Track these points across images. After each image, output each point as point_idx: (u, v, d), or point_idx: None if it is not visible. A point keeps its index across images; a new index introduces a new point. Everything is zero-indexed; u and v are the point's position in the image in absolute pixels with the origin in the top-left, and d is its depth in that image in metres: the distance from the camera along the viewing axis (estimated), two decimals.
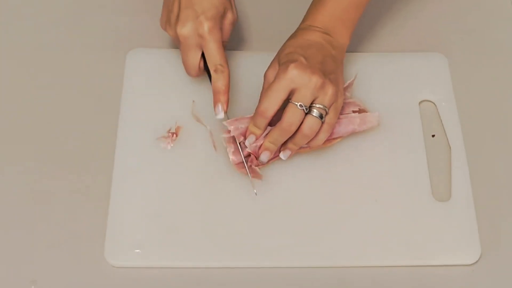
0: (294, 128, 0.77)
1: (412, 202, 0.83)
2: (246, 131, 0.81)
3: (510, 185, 0.86)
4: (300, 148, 0.81)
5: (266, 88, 0.79)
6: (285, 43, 0.82)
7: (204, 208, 0.81)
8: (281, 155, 0.81)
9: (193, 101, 0.87)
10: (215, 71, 0.82)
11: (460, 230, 0.82)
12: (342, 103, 0.81)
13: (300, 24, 0.84)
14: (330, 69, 0.79)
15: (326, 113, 0.78)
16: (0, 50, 0.93)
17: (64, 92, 0.89)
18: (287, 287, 0.79)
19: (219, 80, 0.82)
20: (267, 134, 0.80)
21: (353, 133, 0.86)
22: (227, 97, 0.82)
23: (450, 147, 0.87)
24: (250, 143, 0.81)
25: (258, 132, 0.80)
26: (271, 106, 0.77)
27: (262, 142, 0.81)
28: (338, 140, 0.85)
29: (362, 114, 0.86)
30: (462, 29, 0.98)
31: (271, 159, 0.82)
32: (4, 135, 0.86)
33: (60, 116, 0.87)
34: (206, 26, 0.80)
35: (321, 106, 0.77)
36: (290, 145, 0.81)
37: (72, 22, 0.95)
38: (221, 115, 0.82)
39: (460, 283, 0.80)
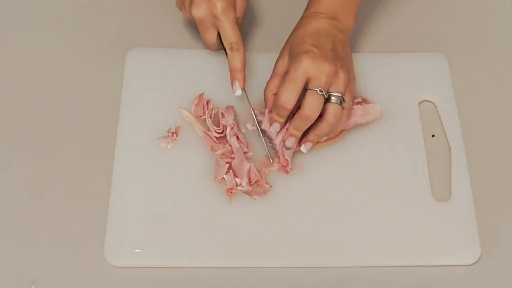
0: (316, 114, 0.79)
1: (412, 202, 0.83)
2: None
3: (510, 185, 0.86)
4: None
5: (282, 81, 0.80)
6: (292, 33, 0.84)
7: (204, 208, 0.81)
8: (302, 148, 0.83)
9: (179, 107, 0.88)
10: (230, 49, 0.84)
11: (460, 230, 0.82)
12: (354, 87, 0.83)
13: (304, 12, 0.85)
14: (341, 54, 0.81)
15: (343, 99, 0.80)
16: (0, 50, 0.93)
17: (64, 92, 0.89)
18: (287, 287, 0.79)
19: (235, 58, 0.84)
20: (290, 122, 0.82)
21: (356, 126, 0.86)
22: (244, 74, 0.84)
23: (450, 147, 0.87)
24: (276, 130, 0.83)
25: (282, 120, 0.82)
26: (290, 97, 0.79)
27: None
28: (344, 132, 0.86)
29: (364, 105, 0.86)
30: (462, 29, 0.98)
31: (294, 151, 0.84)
32: (4, 135, 0.86)
33: (60, 116, 0.87)
34: (219, 6, 0.82)
35: (338, 94, 0.79)
36: (311, 137, 0.82)
37: (72, 22, 0.95)
38: (239, 92, 0.84)
39: (460, 283, 0.80)
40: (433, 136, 0.89)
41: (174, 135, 0.85)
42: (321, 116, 0.81)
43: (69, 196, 0.82)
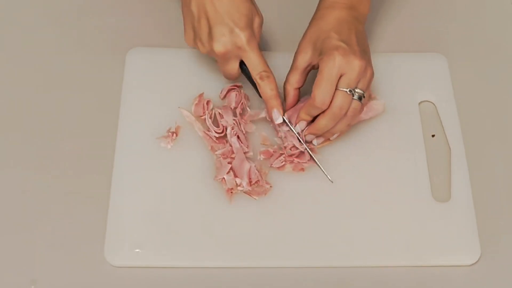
0: (343, 113, 0.79)
1: (412, 202, 0.83)
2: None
3: (510, 185, 0.86)
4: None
5: (317, 81, 0.78)
6: (313, 26, 0.82)
7: (204, 207, 0.81)
8: (314, 141, 0.84)
9: (179, 107, 0.88)
10: (261, 78, 0.82)
11: (459, 230, 0.82)
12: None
13: (321, 2, 0.84)
14: (365, 48, 0.81)
15: (364, 96, 0.80)
16: (0, 50, 0.93)
17: (64, 92, 0.89)
18: (287, 287, 0.79)
19: (267, 87, 0.82)
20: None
21: (359, 122, 0.87)
22: (280, 100, 0.83)
23: (450, 148, 0.87)
24: (302, 129, 0.83)
25: (310, 119, 0.82)
26: (327, 98, 0.78)
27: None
28: (348, 128, 0.85)
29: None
30: (462, 29, 0.98)
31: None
32: (4, 135, 0.86)
33: (60, 116, 0.87)
34: (243, 37, 0.80)
35: (360, 92, 0.79)
36: (327, 133, 0.82)
37: (72, 22, 0.95)
38: (280, 119, 0.83)
39: (459, 283, 0.80)
40: (433, 136, 0.89)
41: (174, 135, 0.85)
42: None
43: (69, 196, 0.82)
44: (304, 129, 0.83)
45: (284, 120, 0.83)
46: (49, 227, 0.80)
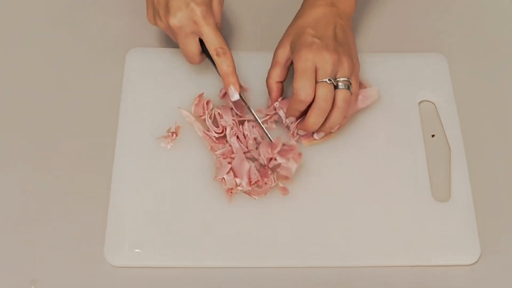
0: (330, 103, 0.79)
1: (412, 202, 0.83)
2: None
3: (510, 185, 0.86)
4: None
5: (295, 77, 0.79)
6: (293, 23, 0.84)
7: (204, 207, 0.81)
8: (315, 135, 0.84)
9: (178, 107, 0.88)
10: (217, 55, 0.82)
11: (459, 230, 0.82)
12: (359, 70, 0.83)
13: (305, 1, 0.86)
14: (342, 40, 0.82)
15: (350, 83, 0.80)
16: (0, 50, 0.93)
17: (64, 92, 0.89)
18: (287, 287, 0.79)
19: (223, 63, 0.82)
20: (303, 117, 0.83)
21: (357, 111, 0.87)
22: (236, 77, 0.82)
23: (449, 148, 0.87)
24: (291, 122, 0.84)
25: (298, 114, 0.83)
26: (308, 90, 0.79)
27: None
28: (346, 120, 0.85)
29: (362, 89, 0.87)
30: (462, 29, 0.98)
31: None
32: (4, 135, 0.86)
33: (60, 116, 0.87)
34: (198, 12, 0.80)
35: (344, 79, 0.80)
36: (325, 128, 0.83)
37: (72, 22, 0.95)
38: (236, 96, 0.82)
39: (459, 283, 0.80)
40: (433, 136, 0.89)
41: (174, 135, 0.85)
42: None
43: (69, 196, 0.82)
44: (294, 123, 0.84)
45: (240, 96, 0.83)
46: (49, 227, 0.80)
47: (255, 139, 0.84)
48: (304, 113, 0.82)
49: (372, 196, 0.83)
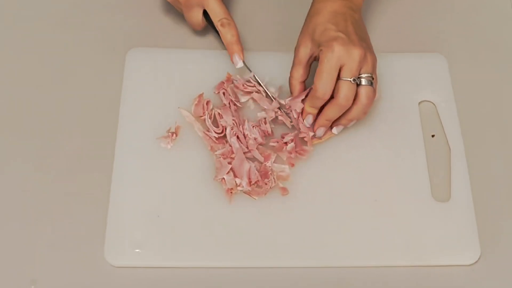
0: (350, 103, 0.80)
1: (411, 202, 0.83)
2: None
3: (510, 185, 0.86)
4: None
5: (317, 73, 0.80)
6: (310, 20, 0.84)
7: (204, 207, 0.81)
8: (334, 130, 0.85)
9: (178, 107, 0.88)
10: (222, 25, 0.85)
11: (459, 230, 0.82)
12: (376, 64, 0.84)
13: None
14: (361, 34, 0.82)
15: (373, 78, 0.81)
16: (0, 50, 0.93)
17: (64, 92, 0.89)
18: (287, 287, 0.79)
19: (228, 33, 0.86)
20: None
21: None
22: (240, 45, 0.86)
23: (449, 148, 0.87)
24: (309, 123, 0.84)
25: (315, 112, 0.83)
26: (328, 88, 0.79)
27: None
28: (364, 116, 0.85)
29: None
30: (462, 30, 0.98)
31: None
32: (4, 135, 0.86)
33: (60, 116, 0.87)
34: None
35: (368, 75, 0.80)
36: (344, 121, 0.83)
37: (72, 22, 0.95)
38: (240, 63, 0.86)
39: (459, 283, 0.80)
40: (433, 136, 0.89)
41: (174, 135, 0.85)
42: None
43: (69, 196, 0.82)
44: (313, 123, 0.84)
45: (244, 64, 0.86)
46: (49, 227, 0.80)
47: (255, 139, 0.84)
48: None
49: (372, 196, 0.83)
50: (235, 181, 0.82)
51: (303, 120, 0.84)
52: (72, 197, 0.82)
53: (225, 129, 0.85)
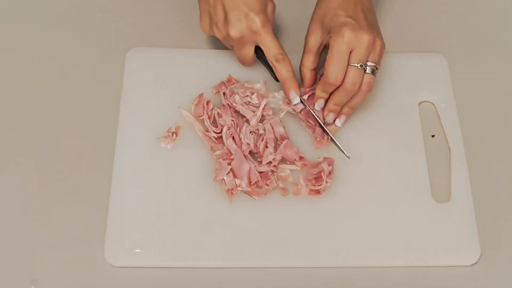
0: (357, 88, 0.81)
1: (412, 202, 0.83)
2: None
3: (510, 185, 0.86)
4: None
5: (328, 58, 0.80)
6: (320, 7, 0.84)
7: (204, 207, 0.81)
8: (337, 122, 0.85)
9: (179, 107, 0.88)
10: (277, 61, 0.84)
11: (459, 231, 0.82)
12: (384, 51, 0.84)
13: None
14: (371, 21, 0.83)
15: (376, 68, 0.82)
16: (0, 50, 0.93)
17: (64, 92, 0.89)
18: (287, 287, 0.79)
19: (283, 68, 0.85)
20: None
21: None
22: (296, 81, 0.85)
23: (449, 148, 0.87)
24: (321, 106, 0.85)
25: (327, 96, 0.84)
26: (340, 73, 0.80)
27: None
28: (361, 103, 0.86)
29: None
30: (462, 30, 0.98)
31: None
32: (4, 135, 0.86)
33: (60, 116, 0.87)
34: (258, 22, 0.82)
35: (372, 64, 0.81)
36: (346, 109, 0.84)
37: (72, 22, 0.95)
38: (297, 99, 0.86)
39: (460, 283, 0.80)
40: (433, 136, 0.89)
41: (174, 135, 0.85)
42: None
43: (69, 196, 0.82)
44: (323, 108, 0.85)
45: (301, 101, 0.85)
46: (49, 227, 0.80)
47: (248, 144, 0.84)
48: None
49: (372, 197, 0.83)
50: (235, 182, 0.82)
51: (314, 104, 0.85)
52: (72, 197, 0.82)
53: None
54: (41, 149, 0.85)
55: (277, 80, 0.86)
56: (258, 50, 0.86)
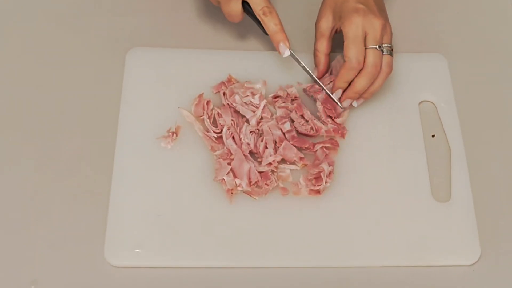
0: (378, 69, 0.82)
1: (412, 202, 0.83)
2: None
3: (510, 185, 0.86)
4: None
5: (346, 45, 0.81)
6: None
7: (204, 207, 0.81)
8: (355, 103, 0.86)
9: (179, 107, 0.88)
10: (264, 14, 0.84)
11: (459, 230, 0.82)
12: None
13: None
14: (381, 6, 0.84)
15: (391, 49, 0.83)
16: (0, 50, 0.93)
17: (64, 91, 0.89)
18: (287, 287, 0.79)
19: (271, 21, 0.84)
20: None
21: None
22: (285, 34, 0.85)
23: (449, 148, 0.87)
24: (338, 96, 0.86)
25: (346, 86, 0.85)
26: (360, 56, 0.81)
27: None
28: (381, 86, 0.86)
29: None
30: (462, 30, 0.98)
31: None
32: (4, 135, 0.86)
33: (60, 116, 0.87)
34: None
35: (388, 45, 0.83)
36: (366, 94, 0.85)
37: (72, 22, 0.95)
38: (287, 52, 0.85)
39: (460, 283, 0.80)
40: (433, 136, 0.89)
41: (174, 135, 0.85)
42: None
43: (69, 196, 0.82)
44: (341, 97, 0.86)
45: (291, 53, 0.85)
46: (49, 227, 0.80)
47: (248, 144, 0.84)
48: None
49: (372, 196, 0.83)
50: (235, 182, 0.82)
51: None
52: (72, 197, 0.82)
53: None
54: (41, 149, 0.85)
55: (266, 33, 0.86)
56: (245, 5, 0.85)
